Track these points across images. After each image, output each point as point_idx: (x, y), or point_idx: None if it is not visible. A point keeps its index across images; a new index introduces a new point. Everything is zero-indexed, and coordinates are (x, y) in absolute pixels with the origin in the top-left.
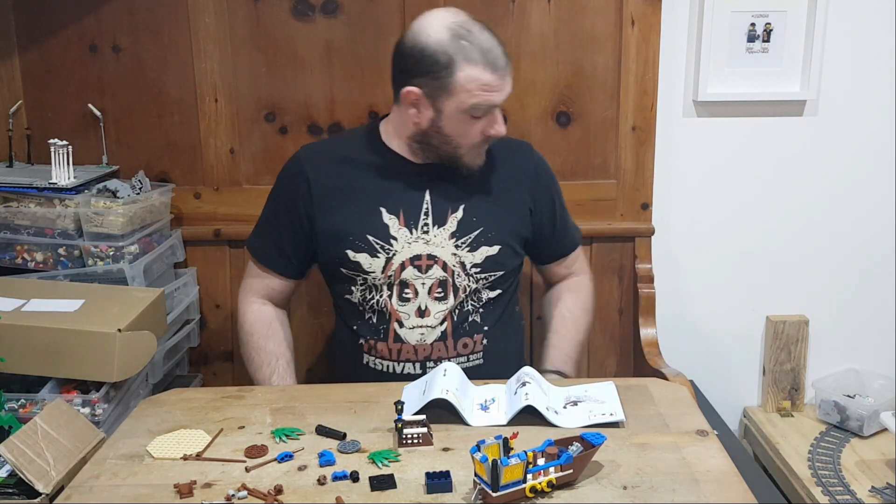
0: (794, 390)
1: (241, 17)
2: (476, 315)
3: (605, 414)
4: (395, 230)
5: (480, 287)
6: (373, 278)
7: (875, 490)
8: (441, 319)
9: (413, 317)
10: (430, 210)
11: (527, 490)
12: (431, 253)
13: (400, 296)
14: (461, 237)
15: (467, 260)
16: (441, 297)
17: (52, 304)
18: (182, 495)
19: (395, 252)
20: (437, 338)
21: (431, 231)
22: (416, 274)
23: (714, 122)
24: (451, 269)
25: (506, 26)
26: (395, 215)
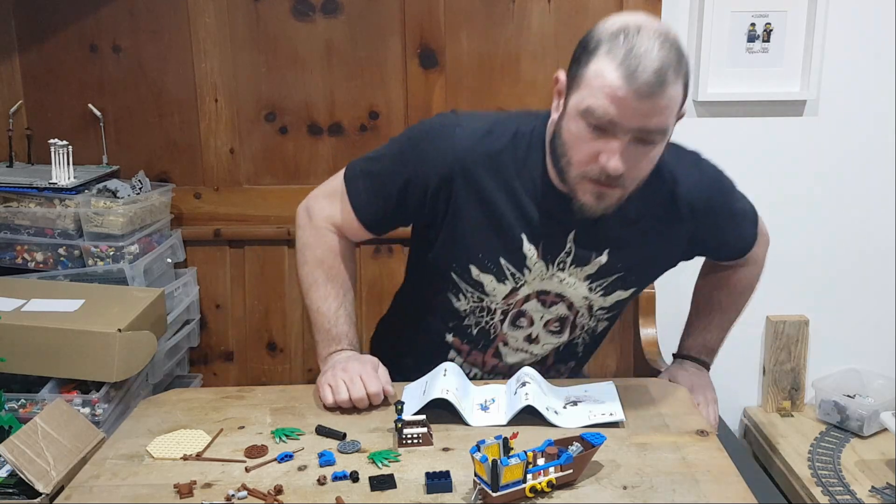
0: (794, 390)
1: (241, 17)
2: (580, 346)
3: (604, 414)
4: (532, 261)
5: (598, 324)
6: (490, 300)
7: (875, 490)
8: (549, 350)
9: (521, 341)
10: (573, 251)
11: (527, 490)
12: (561, 293)
13: (513, 323)
14: (597, 280)
15: (597, 304)
16: (557, 331)
17: (52, 304)
18: (182, 495)
19: (524, 283)
20: (536, 362)
21: (567, 270)
22: (539, 307)
23: (714, 122)
24: (576, 309)
25: (506, 26)
26: (536, 246)
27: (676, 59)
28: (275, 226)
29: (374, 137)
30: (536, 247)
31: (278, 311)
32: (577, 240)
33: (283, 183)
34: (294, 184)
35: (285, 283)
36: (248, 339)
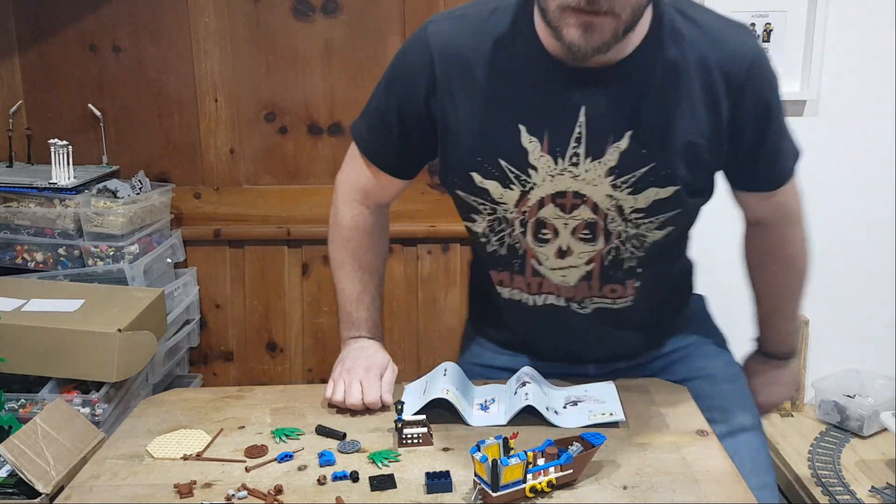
0: None
1: (241, 17)
2: (633, 260)
3: (605, 414)
4: (536, 157)
5: (643, 230)
6: (503, 209)
7: (875, 490)
8: (587, 259)
9: (553, 258)
10: (584, 135)
11: (527, 490)
12: (579, 191)
13: (536, 235)
14: (622, 175)
15: (626, 204)
16: (588, 238)
17: (52, 304)
18: (182, 495)
19: (532, 185)
20: (582, 277)
21: (583, 164)
22: (558, 213)
23: None
24: (603, 212)
25: None
26: (538, 137)
27: None
28: (275, 226)
29: None
30: (539, 138)
31: (278, 311)
32: (589, 119)
33: (282, 183)
34: (294, 184)
35: (285, 283)
36: (247, 339)
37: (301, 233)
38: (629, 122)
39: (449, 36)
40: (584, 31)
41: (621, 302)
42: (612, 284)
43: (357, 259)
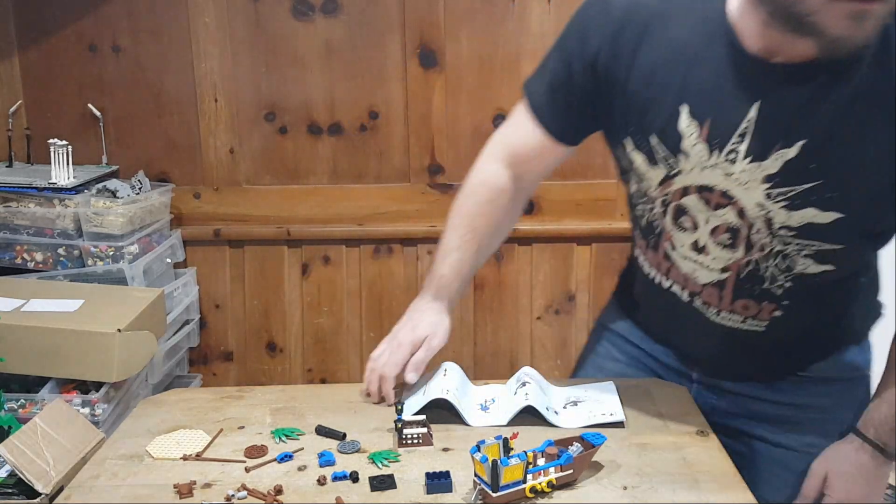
0: None
1: (241, 17)
2: (777, 287)
3: (604, 414)
4: (691, 143)
5: (791, 253)
6: (647, 185)
7: None
8: (722, 267)
9: (687, 247)
10: (750, 132)
11: (527, 490)
12: (728, 191)
13: (675, 221)
14: (781, 186)
15: (776, 218)
16: (728, 244)
17: (52, 304)
18: (182, 495)
19: (679, 171)
20: (712, 282)
21: (739, 163)
22: (700, 206)
23: None
24: (749, 220)
25: (506, 26)
26: (699, 123)
27: None
28: (275, 226)
29: (373, 137)
30: (700, 124)
31: (278, 311)
32: (761, 116)
33: (282, 183)
34: (294, 184)
35: (285, 282)
36: (247, 339)
37: (301, 233)
38: (804, 130)
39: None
40: (855, 19)
41: (752, 324)
42: (747, 300)
43: (468, 216)
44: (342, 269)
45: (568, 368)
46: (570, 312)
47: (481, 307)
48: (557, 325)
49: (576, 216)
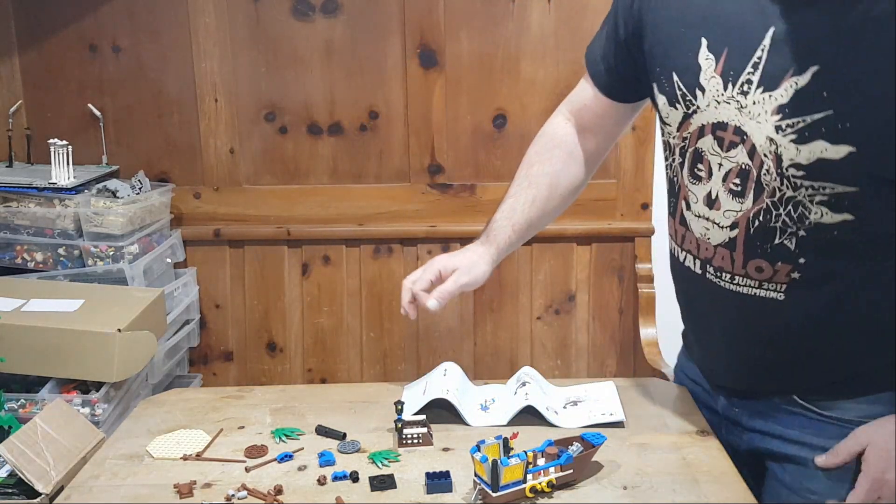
0: None
1: (241, 17)
2: (788, 238)
3: (604, 414)
4: (707, 76)
5: (804, 199)
6: (668, 132)
7: None
8: (731, 222)
9: (701, 203)
10: (763, 61)
11: (527, 490)
12: (741, 126)
13: (692, 170)
14: (791, 117)
15: (787, 154)
16: (737, 191)
17: (52, 304)
18: (182, 495)
19: (696, 108)
20: (723, 242)
21: (752, 94)
22: (715, 148)
23: None
24: (759, 157)
25: (506, 26)
26: (716, 55)
27: None
28: (274, 226)
29: (373, 137)
30: (717, 56)
31: (278, 311)
32: (774, 43)
33: (282, 183)
34: (294, 184)
35: (285, 282)
36: (247, 339)
37: (301, 233)
38: (817, 57)
39: None
40: None
41: (769, 289)
42: (759, 261)
43: (525, 164)
44: (342, 269)
45: (568, 368)
46: (570, 312)
47: (481, 307)
48: (557, 325)
49: (576, 216)
